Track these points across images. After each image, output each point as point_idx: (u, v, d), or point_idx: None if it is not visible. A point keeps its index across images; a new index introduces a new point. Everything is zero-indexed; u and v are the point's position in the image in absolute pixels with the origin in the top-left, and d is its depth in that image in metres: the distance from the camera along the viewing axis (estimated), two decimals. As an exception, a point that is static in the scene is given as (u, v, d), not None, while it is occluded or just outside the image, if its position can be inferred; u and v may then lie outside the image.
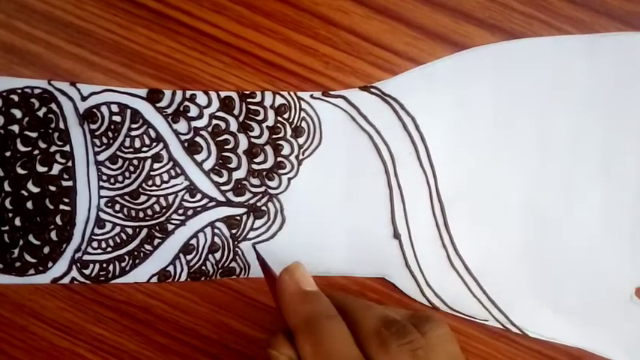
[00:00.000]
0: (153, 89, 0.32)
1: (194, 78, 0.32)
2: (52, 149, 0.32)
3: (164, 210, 0.32)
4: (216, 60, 0.32)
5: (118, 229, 0.32)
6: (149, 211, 0.32)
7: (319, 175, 0.33)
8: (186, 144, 0.32)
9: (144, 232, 0.32)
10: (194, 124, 0.32)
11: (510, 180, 0.33)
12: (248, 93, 0.32)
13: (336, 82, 0.33)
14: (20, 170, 0.32)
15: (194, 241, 0.32)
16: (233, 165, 0.32)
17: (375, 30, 0.33)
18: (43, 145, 0.32)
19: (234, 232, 0.32)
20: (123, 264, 0.32)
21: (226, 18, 0.32)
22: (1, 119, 0.31)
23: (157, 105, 0.32)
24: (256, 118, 0.32)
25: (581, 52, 0.33)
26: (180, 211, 0.32)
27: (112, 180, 0.32)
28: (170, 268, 0.32)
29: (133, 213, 0.32)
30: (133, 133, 0.32)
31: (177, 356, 0.33)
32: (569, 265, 0.33)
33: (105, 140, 0.32)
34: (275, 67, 0.32)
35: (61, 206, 0.32)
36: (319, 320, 0.25)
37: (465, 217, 0.33)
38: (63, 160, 0.32)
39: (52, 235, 0.32)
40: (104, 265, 0.32)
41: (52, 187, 0.32)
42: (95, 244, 0.32)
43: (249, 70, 0.32)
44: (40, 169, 0.32)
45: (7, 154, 0.31)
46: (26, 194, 0.32)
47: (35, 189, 0.32)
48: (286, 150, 0.32)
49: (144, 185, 0.32)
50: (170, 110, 0.32)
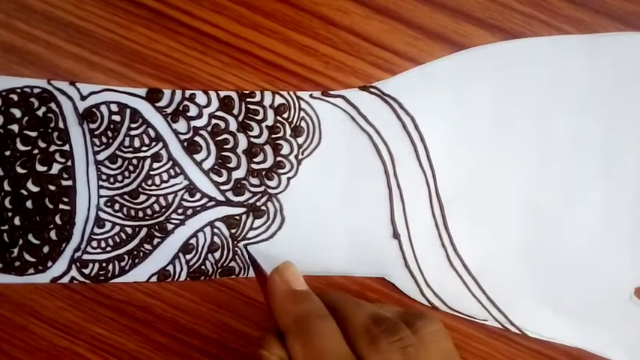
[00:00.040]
0: (152, 89, 0.32)
1: (194, 77, 0.32)
2: (52, 149, 0.32)
3: (163, 209, 0.32)
4: (216, 60, 0.32)
5: (117, 228, 0.32)
6: (149, 211, 0.32)
7: (319, 175, 0.33)
8: (186, 143, 0.32)
9: (143, 231, 0.32)
10: (193, 123, 0.32)
11: (510, 180, 0.33)
12: (247, 93, 0.32)
13: (336, 82, 0.33)
14: (20, 169, 0.32)
15: (193, 241, 0.32)
16: (232, 164, 0.32)
17: (375, 30, 0.33)
18: (42, 145, 0.32)
19: (233, 231, 0.32)
20: (122, 263, 0.32)
21: (226, 18, 0.32)
22: (1, 119, 0.31)
23: (157, 104, 0.32)
24: (256, 117, 0.32)
25: (581, 52, 0.33)
26: (180, 211, 0.32)
27: (112, 179, 0.32)
28: (170, 267, 0.32)
29: (132, 212, 0.32)
30: (132, 132, 0.32)
31: (176, 356, 0.33)
32: (569, 265, 0.33)
33: (104, 140, 0.32)
34: (275, 66, 0.32)
35: (61, 205, 0.32)
36: (309, 320, 0.25)
37: (465, 217, 0.33)
38: (62, 160, 0.32)
39: (52, 235, 0.32)
40: (104, 265, 0.32)
41: (52, 187, 0.32)
42: (95, 243, 0.32)
43: (248, 70, 0.32)
44: (40, 168, 0.32)
45: (7, 153, 0.31)
46: (26, 193, 0.32)
47: (35, 188, 0.32)
48: (286, 149, 0.32)
49: (143, 185, 0.32)
50: (169, 110, 0.32)
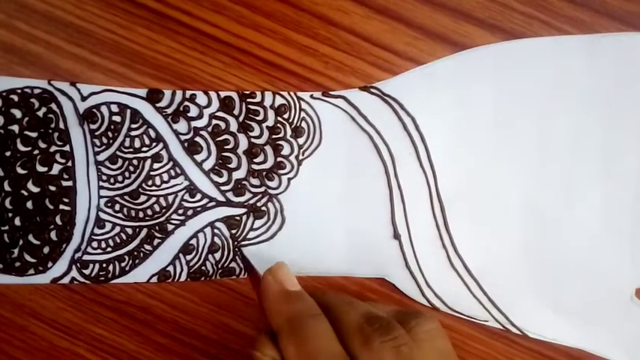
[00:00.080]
0: (153, 89, 0.32)
1: (194, 78, 0.32)
2: (52, 149, 0.32)
3: (164, 210, 0.32)
4: (216, 60, 0.32)
5: (117, 229, 0.32)
6: (149, 211, 0.32)
7: (319, 176, 0.33)
8: (186, 144, 0.32)
9: (144, 232, 0.32)
10: (194, 124, 0.32)
11: (510, 180, 0.33)
12: (248, 93, 0.32)
13: (336, 82, 0.33)
14: (20, 170, 0.32)
15: (194, 241, 0.32)
16: (233, 165, 0.32)
17: (375, 30, 0.33)
18: (43, 145, 0.32)
19: (234, 232, 0.32)
20: (123, 264, 0.32)
21: (226, 18, 0.32)
22: (1, 119, 0.31)
23: (157, 105, 0.32)
24: (256, 118, 0.32)
25: (582, 52, 0.33)
26: (180, 211, 0.32)
27: (112, 180, 0.32)
28: (170, 268, 0.32)
29: (132, 213, 0.32)
30: (132, 133, 0.32)
31: (176, 356, 0.33)
32: (569, 265, 0.33)
33: (105, 140, 0.32)
34: (275, 67, 0.32)
35: (61, 206, 0.32)
36: (302, 320, 0.25)
37: (465, 217, 0.33)
38: (63, 160, 0.32)
39: (52, 235, 0.32)
40: (104, 265, 0.32)
41: (52, 187, 0.32)
42: (95, 244, 0.32)
43: (249, 70, 0.32)
44: (40, 169, 0.32)
45: (7, 153, 0.31)
46: (26, 194, 0.32)
47: (35, 189, 0.32)
48: (286, 150, 0.32)
49: (144, 185, 0.32)
50: (170, 110, 0.32)
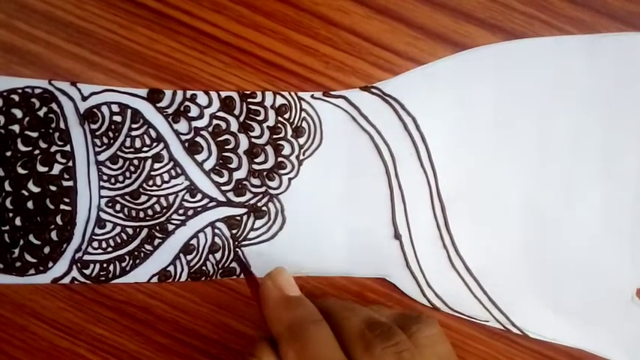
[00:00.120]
0: (153, 89, 0.32)
1: (194, 78, 0.32)
2: (53, 149, 0.32)
3: (164, 210, 0.32)
4: (217, 60, 0.32)
5: (118, 229, 0.32)
6: (149, 211, 0.32)
7: (320, 176, 0.32)
8: (187, 144, 0.32)
9: (144, 232, 0.32)
10: (195, 124, 0.32)
11: (511, 180, 0.33)
12: (249, 93, 0.32)
13: (337, 82, 0.33)
14: (21, 170, 0.32)
15: (194, 241, 0.32)
16: (233, 165, 0.32)
17: (376, 30, 0.33)
18: (43, 145, 0.32)
19: (234, 232, 0.32)
20: (123, 264, 0.32)
21: (226, 18, 0.32)
22: (2, 119, 0.31)
23: (158, 105, 0.32)
24: (257, 118, 0.32)
25: (582, 53, 0.33)
26: (181, 211, 0.32)
27: (113, 180, 0.32)
28: (170, 268, 0.32)
29: (133, 213, 0.32)
30: (133, 133, 0.32)
31: (177, 356, 0.33)
32: (569, 265, 0.33)
33: (105, 140, 0.32)
34: (275, 67, 0.32)
35: (62, 206, 0.32)
36: (303, 326, 0.25)
37: (466, 217, 0.33)
38: (63, 160, 0.32)
39: (53, 235, 0.32)
40: (104, 265, 0.32)
41: (53, 187, 0.32)
42: (95, 244, 0.32)
43: (249, 70, 0.32)
44: (41, 168, 0.32)
45: (8, 153, 0.31)
46: (27, 194, 0.32)
47: (36, 189, 0.32)
48: (287, 150, 0.32)
49: (144, 185, 0.32)
50: (171, 110, 0.32)
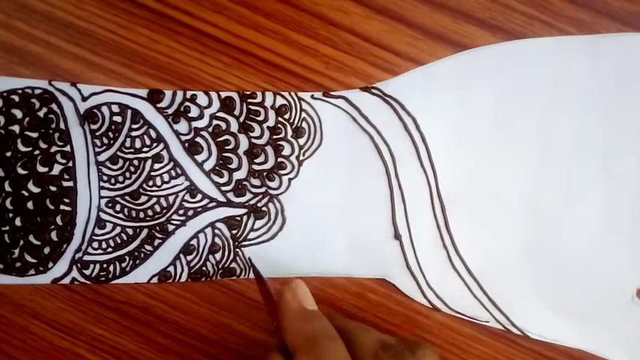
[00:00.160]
0: (153, 89, 0.32)
1: (194, 78, 0.32)
2: (53, 149, 0.32)
3: (164, 210, 0.32)
4: (217, 60, 0.32)
5: (118, 229, 0.32)
6: (149, 212, 0.32)
7: (320, 176, 0.32)
8: (187, 144, 0.32)
9: (144, 232, 0.32)
10: (195, 124, 0.32)
11: (511, 180, 0.33)
12: (249, 93, 0.32)
13: (337, 83, 0.33)
14: (21, 170, 0.32)
15: (194, 242, 0.32)
16: (234, 165, 0.32)
17: (376, 30, 0.33)
18: (43, 146, 0.32)
19: (234, 232, 0.32)
20: (123, 264, 0.32)
21: (227, 18, 0.32)
22: (2, 119, 0.31)
23: (158, 105, 0.32)
24: (257, 118, 0.32)
25: (582, 53, 0.33)
26: (181, 212, 0.32)
27: (113, 180, 0.32)
28: (170, 268, 0.32)
29: (133, 213, 0.32)
30: (133, 133, 0.32)
31: (177, 357, 0.33)
32: (569, 266, 0.33)
33: (105, 140, 0.32)
34: (275, 67, 0.32)
35: (62, 206, 0.32)
36: (320, 340, 0.25)
37: (466, 218, 0.33)
38: (63, 161, 0.32)
39: (53, 236, 0.32)
40: (104, 266, 0.32)
41: (53, 188, 0.32)
42: (95, 244, 0.32)
43: (249, 71, 0.32)
44: (41, 169, 0.32)
45: (8, 154, 0.31)
46: (27, 194, 0.32)
47: (36, 189, 0.32)
48: (287, 150, 0.32)
49: (144, 186, 0.32)
50: (171, 111, 0.32)
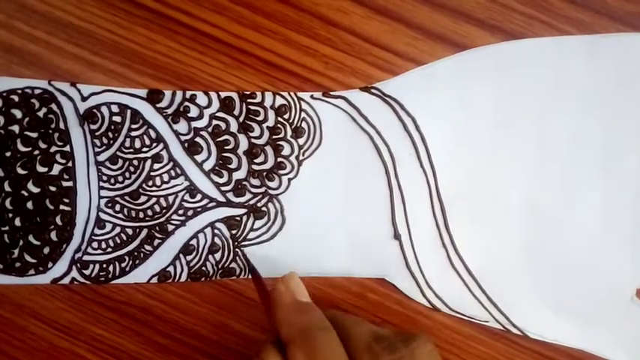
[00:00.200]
0: (153, 90, 0.32)
1: (194, 78, 0.32)
2: (53, 149, 0.32)
3: (164, 210, 0.32)
4: (216, 60, 0.32)
5: (118, 229, 0.32)
6: (149, 212, 0.32)
7: (319, 176, 0.32)
8: (187, 144, 0.32)
9: (144, 232, 0.32)
10: (194, 124, 0.32)
11: (510, 180, 0.33)
12: (248, 93, 0.32)
13: (336, 83, 0.33)
14: (20, 170, 0.32)
15: (194, 242, 0.32)
16: (233, 165, 0.32)
17: (375, 30, 0.33)
18: (43, 146, 0.32)
19: (234, 232, 0.32)
20: (123, 264, 0.32)
21: (226, 18, 0.32)
22: (2, 119, 0.31)
23: (157, 105, 0.32)
24: (256, 118, 0.32)
25: (582, 53, 0.33)
26: (181, 212, 0.32)
27: (112, 180, 0.32)
28: (170, 268, 0.32)
29: (133, 213, 0.32)
30: (133, 133, 0.32)
31: (177, 357, 0.33)
32: (569, 266, 0.33)
33: (105, 140, 0.32)
34: (275, 67, 0.32)
35: (61, 206, 0.32)
36: (313, 331, 0.25)
37: (465, 218, 0.33)
38: (63, 161, 0.32)
39: (52, 236, 0.32)
40: (104, 266, 0.32)
41: (52, 188, 0.32)
42: (95, 244, 0.32)
43: (249, 71, 0.32)
44: (41, 169, 0.32)
45: (8, 154, 0.31)
46: (26, 194, 0.32)
47: (35, 189, 0.32)
48: (286, 150, 0.32)
49: (144, 186, 0.32)
50: (170, 111, 0.32)
